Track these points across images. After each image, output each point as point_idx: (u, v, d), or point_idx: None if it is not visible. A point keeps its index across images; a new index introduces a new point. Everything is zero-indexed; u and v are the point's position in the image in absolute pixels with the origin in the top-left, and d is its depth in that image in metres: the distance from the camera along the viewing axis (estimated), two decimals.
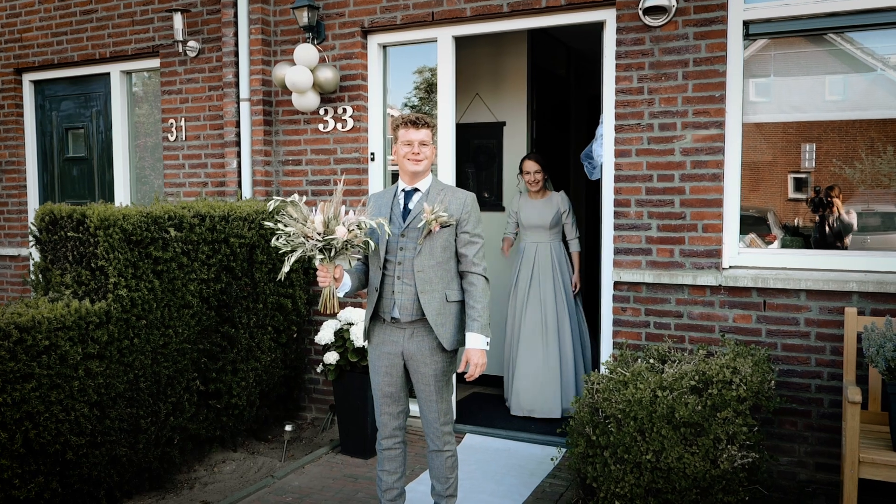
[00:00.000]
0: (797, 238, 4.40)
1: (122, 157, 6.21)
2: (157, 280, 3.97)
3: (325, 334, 4.62)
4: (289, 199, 3.16)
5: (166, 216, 4.05)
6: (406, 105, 5.77)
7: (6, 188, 6.70)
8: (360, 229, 3.15)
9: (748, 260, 4.28)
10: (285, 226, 3.11)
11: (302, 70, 4.87)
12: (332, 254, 3.13)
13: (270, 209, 3.37)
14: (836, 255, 4.12)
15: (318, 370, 4.80)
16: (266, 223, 3.22)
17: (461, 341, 3.32)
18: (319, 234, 3.09)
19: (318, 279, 3.20)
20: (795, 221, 4.40)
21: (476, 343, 3.22)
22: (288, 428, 4.78)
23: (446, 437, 3.42)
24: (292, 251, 3.11)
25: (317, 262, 3.16)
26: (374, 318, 3.38)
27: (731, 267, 4.29)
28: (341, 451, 4.81)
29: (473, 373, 3.22)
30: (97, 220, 3.69)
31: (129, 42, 5.95)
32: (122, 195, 6.22)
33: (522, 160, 5.51)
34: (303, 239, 3.09)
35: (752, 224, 4.44)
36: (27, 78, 6.59)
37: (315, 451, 4.88)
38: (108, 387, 3.74)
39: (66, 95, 6.50)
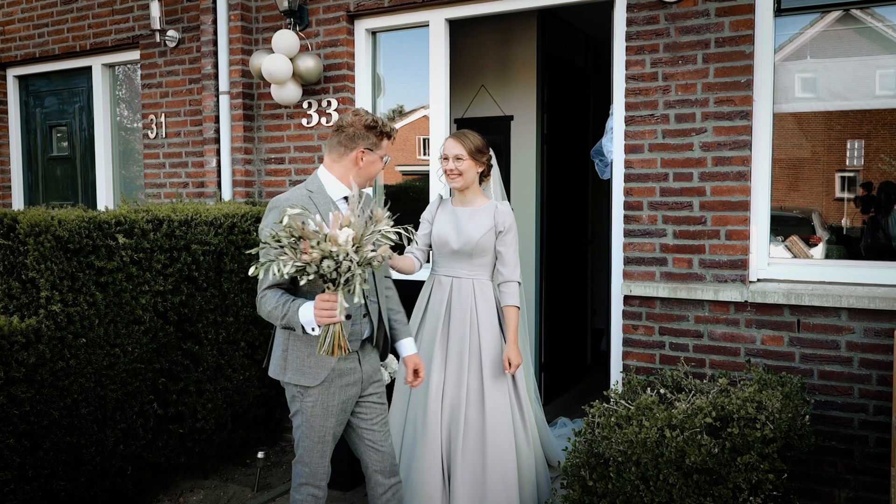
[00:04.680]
0: (844, 242, 3.77)
1: (104, 156, 5.83)
2: (101, 293, 3.53)
3: None
4: (294, 212, 2.42)
5: (114, 221, 3.61)
6: None
7: None
8: (387, 241, 2.52)
9: (779, 272, 3.68)
10: (286, 246, 2.41)
11: (280, 58, 4.40)
12: (347, 278, 2.42)
13: (285, 223, 2.45)
14: (885, 268, 3.50)
15: None
16: (270, 242, 2.44)
17: None
18: (347, 253, 2.37)
19: (322, 316, 2.46)
20: (842, 223, 3.78)
21: (413, 348, 3.10)
22: (260, 455, 4.31)
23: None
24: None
25: (327, 290, 2.45)
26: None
27: (759, 280, 3.70)
28: None
29: (423, 375, 3.09)
30: (27, 227, 3.27)
31: (109, 33, 5.56)
32: (105, 196, 5.84)
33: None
34: (327, 262, 2.37)
35: (795, 226, 3.85)
36: (11, 73, 6.26)
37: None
38: (39, 414, 3.31)
39: (50, 91, 6.15)
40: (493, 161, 3.64)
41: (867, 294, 3.38)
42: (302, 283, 2.43)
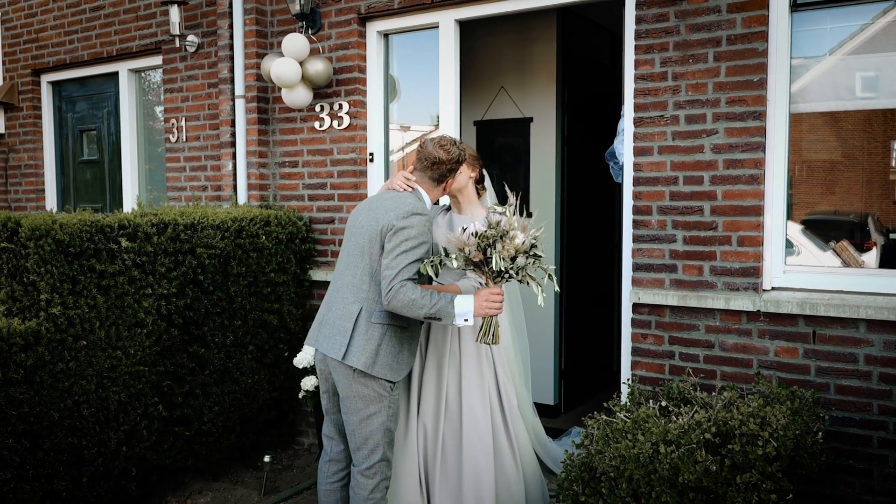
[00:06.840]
0: None
1: (130, 160, 5.93)
2: (102, 296, 3.56)
3: (304, 356, 4.13)
4: (502, 211, 3.01)
5: (117, 225, 3.65)
6: None
7: (25, 192, 6.55)
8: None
9: (795, 280, 3.51)
10: (496, 240, 2.93)
11: (288, 62, 4.39)
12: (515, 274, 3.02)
13: (508, 221, 3.02)
14: None
15: (300, 396, 4.31)
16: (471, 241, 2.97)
17: None
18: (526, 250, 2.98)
19: (492, 308, 2.98)
20: None
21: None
22: (267, 459, 4.30)
23: None
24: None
25: (492, 284, 3.02)
26: None
27: (773, 288, 3.53)
28: None
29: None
30: (28, 230, 3.32)
31: (133, 39, 5.65)
32: (131, 200, 5.93)
33: None
34: (521, 258, 2.96)
35: (848, 230, 3.63)
36: (45, 79, 6.42)
37: (302, 482, 4.40)
38: (38, 415, 3.35)
39: (81, 96, 6.28)
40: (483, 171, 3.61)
41: (887, 305, 3.19)
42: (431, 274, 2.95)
